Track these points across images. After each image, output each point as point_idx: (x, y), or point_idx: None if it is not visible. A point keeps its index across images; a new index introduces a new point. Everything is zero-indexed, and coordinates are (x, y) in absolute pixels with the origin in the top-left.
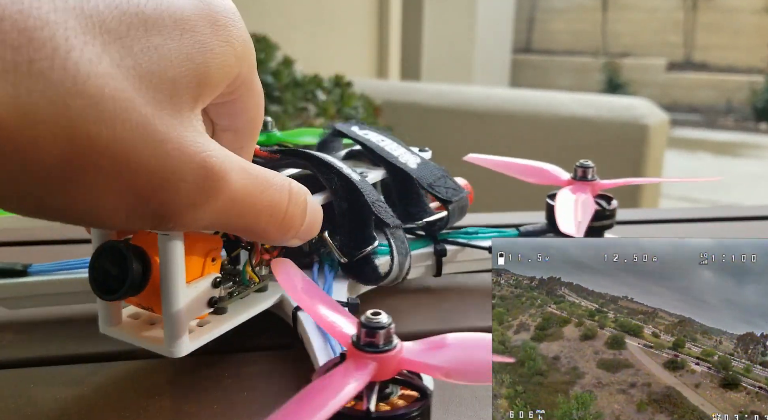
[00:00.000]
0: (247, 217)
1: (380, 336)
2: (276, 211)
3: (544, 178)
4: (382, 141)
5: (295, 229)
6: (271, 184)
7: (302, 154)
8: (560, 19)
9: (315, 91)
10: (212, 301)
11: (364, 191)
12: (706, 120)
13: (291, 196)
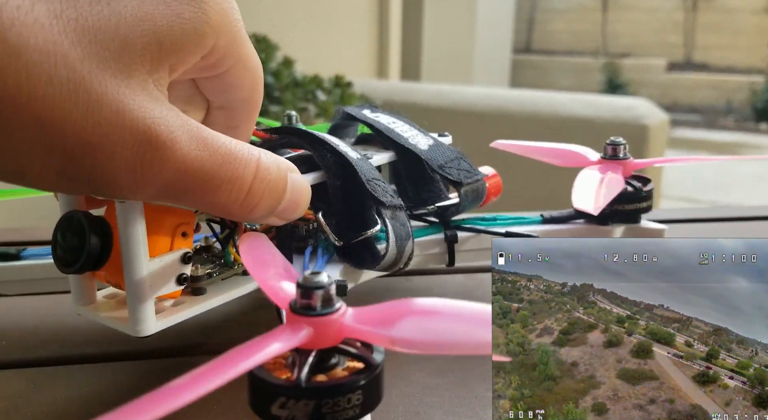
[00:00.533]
0: (202, 191)
1: (317, 297)
2: (237, 187)
3: (572, 159)
4: (392, 123)
5: (264, 206)
6: (235, 158)
7: (296, 131)
8: (560, 19)
9: (315, 91)
10: (182, 278)
11: (359, 168)
12: (706, 120)
13: (258, 172)
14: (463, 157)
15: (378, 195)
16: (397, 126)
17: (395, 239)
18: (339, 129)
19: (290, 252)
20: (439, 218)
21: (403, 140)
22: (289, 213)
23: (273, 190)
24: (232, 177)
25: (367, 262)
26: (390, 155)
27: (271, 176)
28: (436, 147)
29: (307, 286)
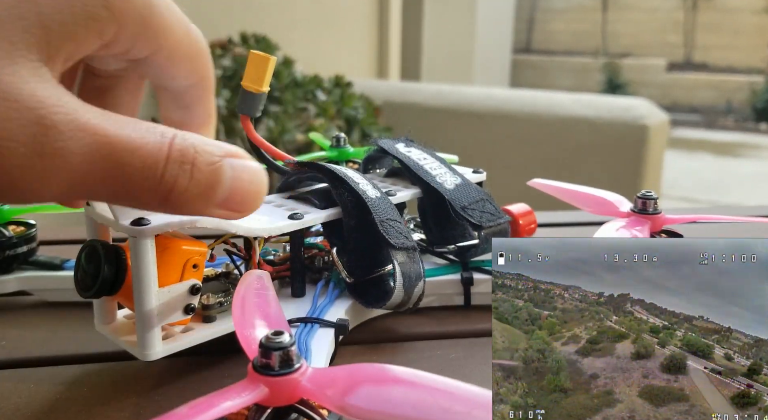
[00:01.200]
0: (112, 179)
1: (275, 358)
2: (150, 173)
3: (603, 208)
4: (423, 159)
5: (188, 194)
6: (142, 140)
7: (318, 167)
8: (560, 19)
9: (315, 91)
10: (189, 308)
11: (374, 208)
12: (706, 120)
13: (171, 153)
14: (489, 199)
15: (389, 237)
16: (427, 163)
17: (403, 281)
18: (373, 160)
19: (303, 283)
20: (459, 258)
21: (429, 178)
22: (235, 203)
23: (196, 174)
24: (143, 161)
25: (374, 301)
26: (415, 192)
27: (187, 158)
28: (462, 187)
29: (267, 346)
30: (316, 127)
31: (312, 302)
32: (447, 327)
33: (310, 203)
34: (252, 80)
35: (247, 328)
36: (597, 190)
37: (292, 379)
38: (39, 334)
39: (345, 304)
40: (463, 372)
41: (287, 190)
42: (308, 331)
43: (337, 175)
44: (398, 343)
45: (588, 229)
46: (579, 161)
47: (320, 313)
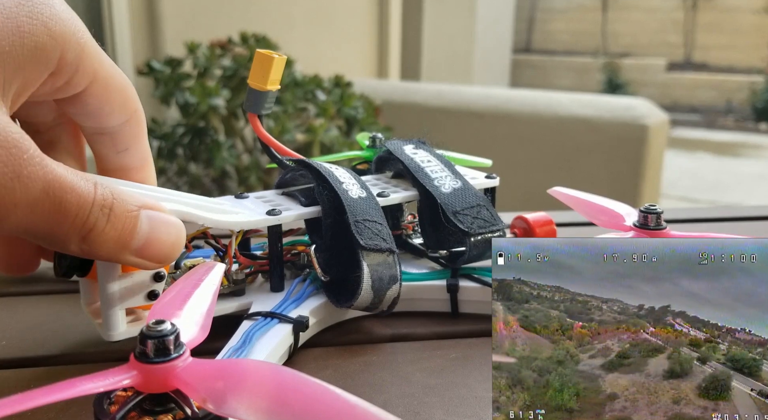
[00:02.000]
0: (54, 217)
1: (150, 346)
2: (80, 214)
3: (609, 220)
4: (427, 162)
5: (106, 238)
6: (80, 185)
7: (306, 165)
8: (560, 19)
9: (315, 91)
10: (152, 294)
11: (350, 208)
12: (706, 120)
13: (96, 198)
14: (487, 205)
15: (361, 237)
16: (430, 165)
17: (372, 283)
18: (383, 161)
19: (282, 278)
20: (451, 264)
21: (427, 181)
22: (150, 254)
23: (113, 218)
24: (77, 201)
25: (344, 301)
26: (411, 194)
27: (107, 203)
28: (460, 191)
29: (146, 334)
30: (316, 127)
31: (285, 296)
32: (438, 328)
33: (296, 200)
34: (257, 78)
35: (155, 316)
36: (609, 201)
37: (165, 368)
38: (39, 334)
39: (316, 302)
40: (462, 372)
41: (283, 186)
42: (263, 326)
43: (320, 174)
44: (391, 344)
45: (589, 229)
46: (579, 161)
47: (286, 308)
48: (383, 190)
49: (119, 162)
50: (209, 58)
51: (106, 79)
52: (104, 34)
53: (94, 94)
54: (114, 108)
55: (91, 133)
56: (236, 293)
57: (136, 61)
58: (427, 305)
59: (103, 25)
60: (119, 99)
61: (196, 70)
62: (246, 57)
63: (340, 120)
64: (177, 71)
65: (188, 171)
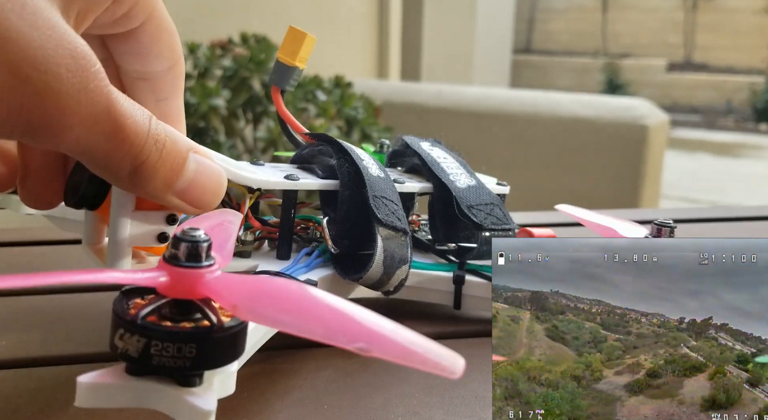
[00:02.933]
0: (112, 139)
1: (182, 250)
2: (135, 142)
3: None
4: (443, 158)
5: (157, 173)
6: (137, 115)
7: (328, 138)
8: (560, 19)
9: (315, 91)
10: (163, 236)
11: (370, 183)
12: (706, 120)
13: (150, 132)
14: (500, 205)
15: (378, 211)
16: (446, 162)
17: (383, 258)
18: (398, 155)
19: (289, 247)
20: (458, 258)
21: (442, 175)
22: (193, 197)
23: (167, 156)
24: (134, 130)
25: (352, 273)
26: (425, 186)
27: (160, 139)
28: (474, 189)
29: (180, 237)
30: (316, 128)
31: (293, 265)
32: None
33: (313, 173)
34: (287, 53)
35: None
36: (617, 223)
37: (195, 273)
38: (39, 334)
39: (323, 272)
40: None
41: (299, 162)
42: None
43: (342, 147)
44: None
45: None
46: (579, 161)
47: (295, 273)
48: (399, 177)
49: (158, 111)
50: (209, 59)
51: (159, 19)
52: None
53: (148, 31)
54: (162, 50)
55: (135, 77)
56: (241, 254)
57: None
58: (431, 296)
59: None
60: (169, 42)
61: (197, 71)
62: (246, 57)
63: (341, 120)
64: None
65: None
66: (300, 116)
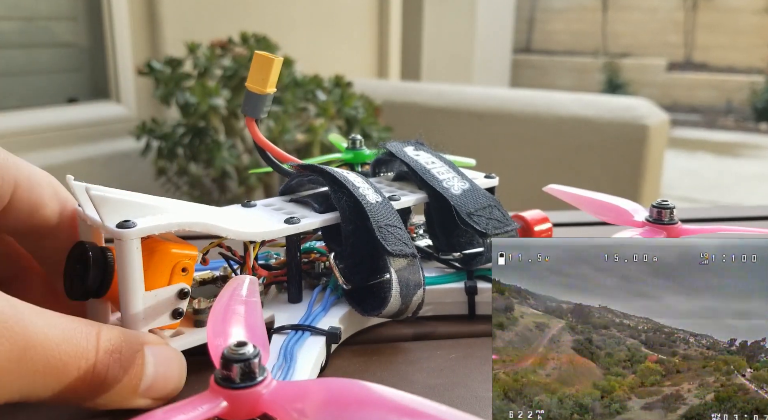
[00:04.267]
0: (52, 372)
1: (236, 371)
2: (83, 362)
3: (618, 217)
4: (431, 163)
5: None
6: (72, 332)
7: (320, 170)
8: (560, 19)
9: (315, 91)
10: (177, 313)
11: (372, 214)
12: (706, 120)
13: (101, 342)
14: (498, 205)
15: (387, 243)
16: (435, 167)
17: (400, 289)
18: (382, 164)
19: (300, 289)
20: (465, 266)
21: (435, 183)
22: (160, 389)
23: (123, 361)
24: (76, 351)
25: (371, 309)
26: (421, 197)
27: (113, 345)
28: (470, 193)
29: (229, 357)
30: (316, 127)
31: (308, 308)
32: (447, 329)
33: (309, 207)
34: (256, 81)
35: (218, 337)
36: (612, 198)
37: (252, 393)
38: None
39: (341, 311)
40: (462, 372)
41: (289, 193)
42: (297, 339)
43: (336, 179)
44: (391, 344)
45: (590, 229)
46: (579, 161)
47: (314, 320)
48: (393, 194)
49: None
50: (209, 58)
51: (29, 178)
52: (104, 34)
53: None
54: (47, 202)
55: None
56: None
57: (136, 61)
58: (445, 308)
59: (103, 25)
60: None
61: (197, 70)
62: (246, 57)
63: (341, 120)
64: (177, 71)
65: (188, 171)
66: (300, 116)
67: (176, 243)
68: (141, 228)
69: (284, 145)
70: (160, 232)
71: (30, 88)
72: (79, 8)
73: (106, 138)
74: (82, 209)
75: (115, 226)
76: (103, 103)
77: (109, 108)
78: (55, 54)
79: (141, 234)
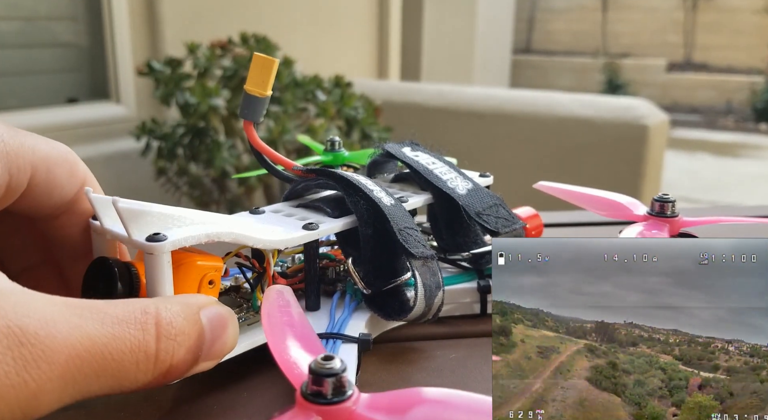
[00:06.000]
0: (106, 373)
1: (328, 385)
2: (143, 356)
3: (618, 212)
4: (432, 164)
5: (183, 364)
6: (124, 326)
7: (332, 174)
8: (560, 19)
9: (315, 91)
10: None
11: (391, 217)
12: (706, 120)
13: (160, 330)
14: (502, 203)
15: (409, 246)
16: (437, 167)
17: (424, 291)
18: (378, 165)
19: (318, 296)
20: (474, 265)
21: (441, 184)
22: (217, 352)
23: (185, 341)
24: (132, 346)
25: (394, 314)
26: (426, 198)
27: (176, 329)
28: (475, 192)
29: (319, 372)
30: (316, 128)
31: (329, 316)
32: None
33: (321, 212)
34: (256, 84)
35: (284, 352)
36: (608, 193)
37: (346, 408)
38: None
39: (364, 317)
40: (462, 372)
41: (295, 198)
42: (331, 348)
43: (351, 183)
44: (391, 344)
45: (590, 229)
46: (579, 161)
47: (340, 327)
48: (400, 196)
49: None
50: (209, 59)
51: (46, 160)
52: (104, 34)
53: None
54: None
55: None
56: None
57: (136, 62)
58: (459, 309)
59: (103, 25)
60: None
61: (196, 71)
62: (246, 57)
63: (340, 120)
64: (177, 71)
65: (188, 171)
66: (300, 116)
67: (200, 255)
68: (173, 240)
69: (284, 145)
70: (191, 244)
71: (30, 88)
72: (79, 8)
73: (106, 138)
74: (99, 223)
75: (146, 239)
76: (102, 104)
77: (108, 108)
78: (54, 54)
79: (173, 247)
